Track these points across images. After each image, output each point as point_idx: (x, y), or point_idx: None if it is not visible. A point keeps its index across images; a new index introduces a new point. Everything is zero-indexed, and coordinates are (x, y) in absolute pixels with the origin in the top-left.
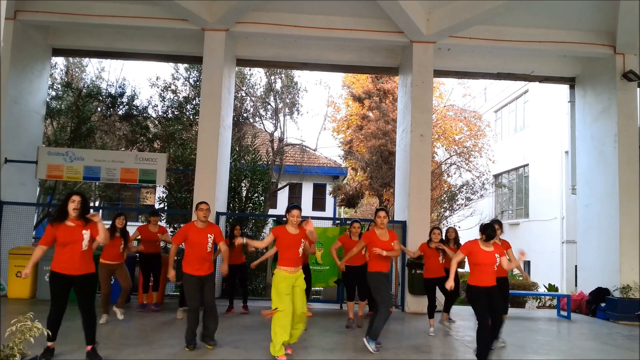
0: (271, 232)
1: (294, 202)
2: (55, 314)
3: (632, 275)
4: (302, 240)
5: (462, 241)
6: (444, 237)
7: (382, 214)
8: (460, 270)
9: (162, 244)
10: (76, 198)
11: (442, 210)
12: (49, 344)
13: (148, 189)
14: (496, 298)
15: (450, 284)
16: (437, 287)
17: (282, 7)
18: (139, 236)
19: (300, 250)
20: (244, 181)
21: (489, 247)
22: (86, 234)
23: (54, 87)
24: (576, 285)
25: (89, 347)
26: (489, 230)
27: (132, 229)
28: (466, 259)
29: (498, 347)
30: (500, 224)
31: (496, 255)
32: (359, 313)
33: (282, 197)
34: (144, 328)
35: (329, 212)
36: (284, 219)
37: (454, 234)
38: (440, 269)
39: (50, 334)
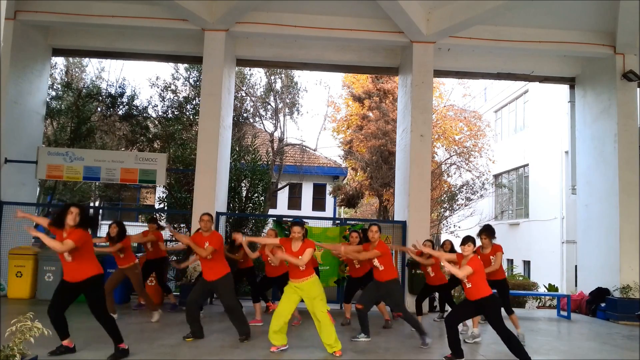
0: (279, 241)
1: (293, 203)
2: (51, 312)
3: (632, 275)
4: (301, 257)
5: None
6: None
7: (374, 228)
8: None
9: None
10: (74, 210)
11: (442, 210)
12: (64, 342)
13: (148, 189)
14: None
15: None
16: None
17: (282, 7)
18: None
19: (302, 267)
20: (244, 181)
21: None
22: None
23: (54, 87)
24: (576, 285)
25: (119, 345)
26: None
27: (134, 229)
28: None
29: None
30: (486, 232)
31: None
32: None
33: (282, 197)
34: (144, 328)
35: (329, 212)
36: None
37: (449, 245)
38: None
39: (59, 333)
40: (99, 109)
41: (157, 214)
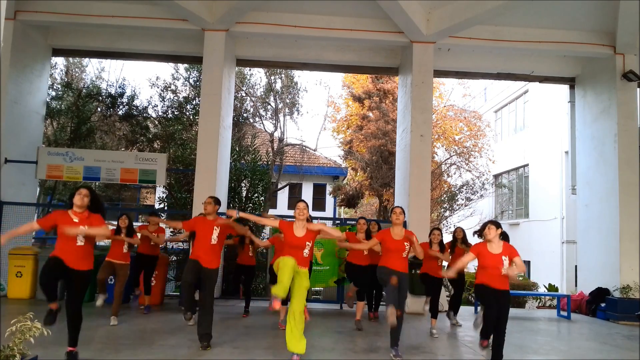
0: (279, 223)
1: (293, 203)
2: (43, 276)
3: (632, 275)
4: (308, 243)
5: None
6: (451, 237)
7: (398, 210)
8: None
9: (163, 245)
10: (83, 191)
11: (442, 210)
12: (51, 304)
13: (148, 189)
14: (503, 305)
15: (450, 274)
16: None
17: (282, 7)
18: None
19: (306, 252)
20: (244, 181)
21: (497, 249)
22: (82, 229)
23: (54, 87)
24: (576, 285)
25: (69, 349)
26: (480, 228)
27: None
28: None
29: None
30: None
31: (503, 257)
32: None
33: (282, 197)
34: (144, 328)
35: (329, 212)
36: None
37: (461, 233)
38: (437, 270)
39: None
40: (99, 109)
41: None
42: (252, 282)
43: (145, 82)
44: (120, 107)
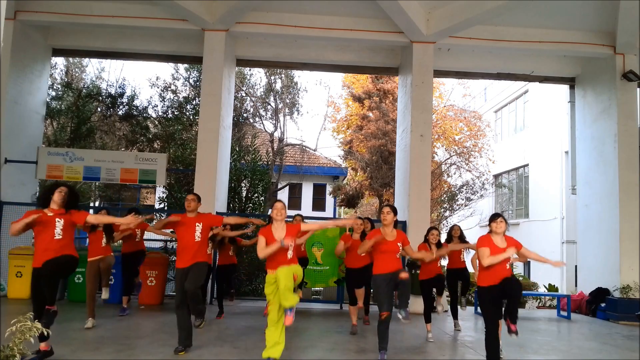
0: (259, 235)
1: (293, 203)
2: (36, 314)
3: (632, 275)
4: (290, 243)
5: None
6: (446, 235)
7: (385, 209)
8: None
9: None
10: (63, 189)
11: (442, 210)
12: (42, 345)
13: (148, 189)
14: (511, 288)
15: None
16: (435, 286)
17: (282, 7)
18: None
19: (289, 253)
20: (244, 181)
21: (503, 242)
22: (59, 222)
23: (54, 87)
24: (576, 285)
25: (47, 307)
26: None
27: None
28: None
29: None
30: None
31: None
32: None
33: (282, 197)
34: (144, 328)
35: (329, 212)
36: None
37: (458, 231)
38: (436, 269)
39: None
40: (99, 109)
41: (157, 214)
42: (234, 279)
43: (145, 82)
44: (120, 107)
